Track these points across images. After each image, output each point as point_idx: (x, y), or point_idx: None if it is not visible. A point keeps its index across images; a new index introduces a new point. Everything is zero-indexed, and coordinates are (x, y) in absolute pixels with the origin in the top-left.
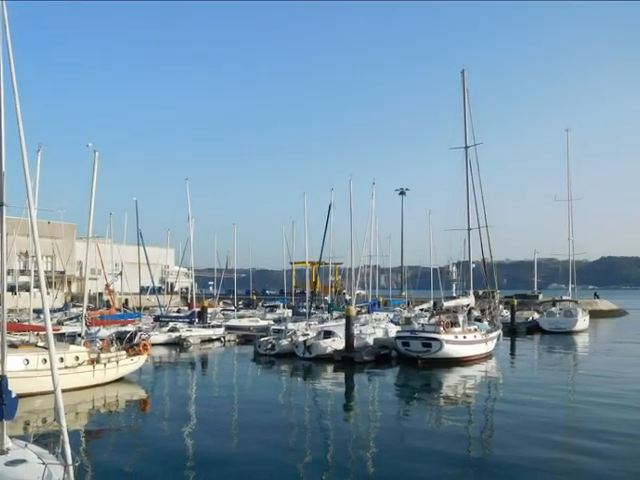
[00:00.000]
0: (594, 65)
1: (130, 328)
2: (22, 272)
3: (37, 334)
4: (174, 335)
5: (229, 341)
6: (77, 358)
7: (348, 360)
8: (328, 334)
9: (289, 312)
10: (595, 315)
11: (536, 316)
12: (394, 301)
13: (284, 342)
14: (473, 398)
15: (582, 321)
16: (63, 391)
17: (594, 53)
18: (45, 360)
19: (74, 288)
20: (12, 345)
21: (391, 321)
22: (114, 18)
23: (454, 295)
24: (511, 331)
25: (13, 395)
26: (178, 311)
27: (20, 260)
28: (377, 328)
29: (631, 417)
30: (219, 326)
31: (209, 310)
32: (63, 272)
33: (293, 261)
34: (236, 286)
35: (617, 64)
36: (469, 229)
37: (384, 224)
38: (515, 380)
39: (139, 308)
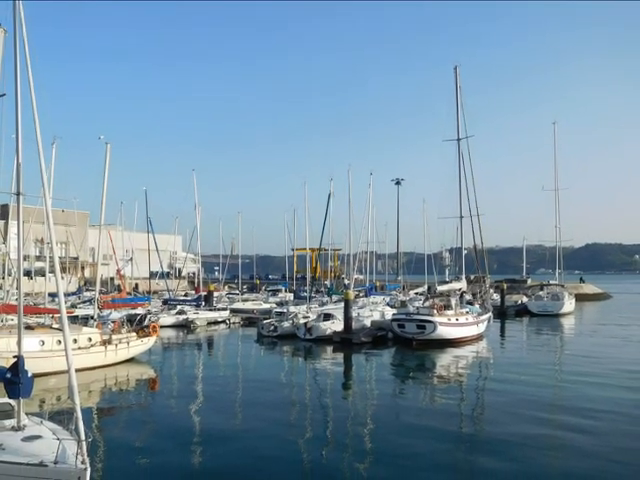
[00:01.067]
0: (579, 62)
1: (140, 311)
2: (38, 258)
3: (52, 316)
4: (182, 317)
5: (234, 323)
6: (90, 339)
7: (347, 341)
8: (328, 317)
9: (291, 296)
10: (581, 298)
11: (525, 299)
12: (390, 285)
13: (286, 324)
14: (465, 377)
15: (568, 304)
16: (76, 371)
17: (579, 51)
18: (59, 341)
19: (87, 273)
20: (28, 327)
21: (387, 304)
22: (124, 19)
23: (447, 280)
24: (501, 314)
25: (29, 374)
26: (185, 295)
27: (36, 246)
28: (374, 311)
29: (615, 395)
30: (224, 309)
31: (215, 294)
32: (76, 258)
33: (294, 247)
34: (240, 271)
35: (600, 61)
36: (461, 217)
37: (381, 212)
38: (505, 360)
39: (149, 292)
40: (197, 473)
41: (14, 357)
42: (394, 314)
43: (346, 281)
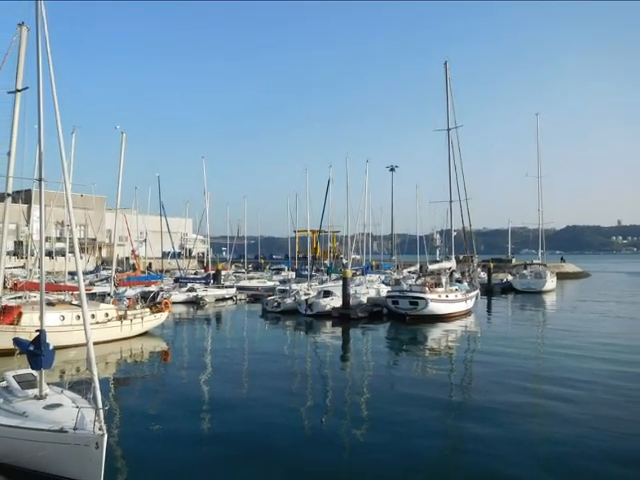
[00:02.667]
0: (562, 58)
1: (153, 288)
2: (58, 239)
3: (71, 294)
4: (192, 294)
5: (240, 300)
6: (107, 315)
7: (345, 316)
8: (327, 294)
9: (293, 274)
10: (561, 277)
11: (510, 278)
12: (385, 265)
13: (288, 301)
14: (454, 350)
15: (550, 282)
16: (94, 344)
17: (562, 48)
18: (78, 316)
19: (104, 253)
20: (50, 303)
21: (382, 282)
22: (141, 18)
23: (438, 259)
24: (488, 291)
25: (50, 347)
26: (195, 273)
27: (57, 228)
28: (370, 288)
29: (593, 366)
30: (231, 287)
31: (222, 272)
32: (94, 239)
33: (296, 229)
34: (246, 251)
35: (580, 58)
36: (451, 201)
37: (376, 197)
38: (491, 334)
39: (161, 271)
40: (206, 438)
41: (36, 331)
42: (389, 291)
43: (344, 261)
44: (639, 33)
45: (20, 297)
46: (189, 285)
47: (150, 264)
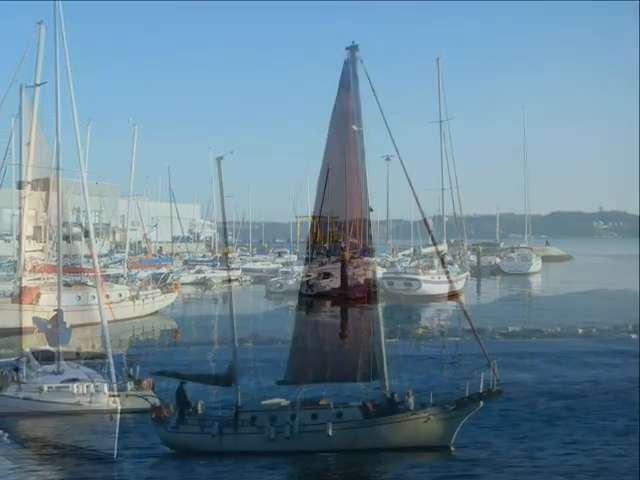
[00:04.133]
0: (550, 55)
1: (164, 270)
2: (75, 224)
3: (87, 275)
4: (200, 276)
5: (245, 281)
6: (120, 295)
7: (343, 296)
8: (327, 275)
9: (294, 257)
10: (546, 260)
11: (498, 260)
12: (381, 248)
13: (290, 282)
14: (446, 328)
15: (536, 265)
16: (108, 322)
17: (550, 45)
18: (94, 297)
19: (117, 237)
20: (67, 284)
21: (378, 265)
22: (148, 15)
23: (430, 243)
24: (477, 273)
25: (67, 325)
26: (203, 256)
27: (73, 214)
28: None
29: (573, 342)
30: (237, 269)
31: (229, 255)
32: (108, 224)
33: (298, 215)
34: (251, 236)
35: (570, 55)
36: (443, 189)
37: (373, 186)
38: (480, 312)
39: (171, 254)
40: (212, 410)
41: (54, 310)
42: (385, 273)
43: (342, 244)
44: (623, 33)
45: (39, 279)
46: (197, 267)
47: (161, 248)
